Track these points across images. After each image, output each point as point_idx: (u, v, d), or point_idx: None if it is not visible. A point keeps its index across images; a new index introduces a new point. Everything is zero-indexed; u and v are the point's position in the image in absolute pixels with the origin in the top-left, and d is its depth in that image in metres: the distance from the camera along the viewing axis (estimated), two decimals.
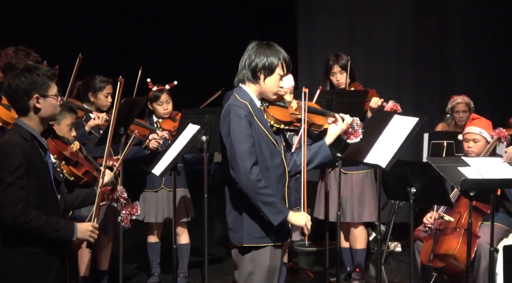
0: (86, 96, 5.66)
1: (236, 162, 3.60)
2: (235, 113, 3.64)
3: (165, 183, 5.85)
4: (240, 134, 3.62)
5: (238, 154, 3.59)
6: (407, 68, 7.96)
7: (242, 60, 3.80)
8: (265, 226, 3.70)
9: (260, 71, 3.74)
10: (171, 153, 5.05)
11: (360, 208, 5.86)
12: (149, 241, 6.02)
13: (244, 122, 3.63)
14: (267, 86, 3.77)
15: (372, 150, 4.13)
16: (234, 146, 3.61)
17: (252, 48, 3.78)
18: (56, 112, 3.40)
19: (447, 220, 5.07)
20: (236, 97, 3.75)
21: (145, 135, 5.75)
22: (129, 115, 5.34)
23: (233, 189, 3.71)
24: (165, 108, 5.87)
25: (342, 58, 5.87)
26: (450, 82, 7.92)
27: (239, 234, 3.73)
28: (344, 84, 5.83)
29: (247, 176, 3.58)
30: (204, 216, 5.24)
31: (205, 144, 5.25)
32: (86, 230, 3.40)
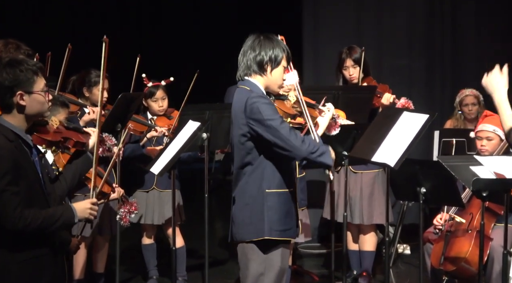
0: (80, 91, 5.66)
1: (288, 143, 3.73)
2: (260, 101, 3.76)
3: (157, 183, 5.85)
4: (275, 117, 3.75)
5: (284, 135, 3.72)
6: (418, 61, 7.94)
7: (244, 53, 3.86)
8: (285, 220, 3.83)
9: (267, 64, 3.84)
10: (170, 151, 5.06)
11: (370, 210, 5.86)
12: (143, 243, 6.04)
13: (272, 107, 3.78)
14: (273, 78, 3.87)
15: (380, 148, 4.14)
16: (277, 130, 3.72)
17: (254, 41, 3.86)
18: (44, 108, 3.34)
19: (459, 221, 5.07)
20: (247, 89, 3.83)
21: (142, 132, 5.76)
22: (126, 111, 5.35)
23: (253, 180, 3.81)
24: (160, 106, 5.88)
25: (355, 51, 5.86)
26: (463, 76, 7.89)
27: (259, 227, 3.80)
28: (357, 79, 5.83)
29: (301, 148, 3.73)
30: (205, 217, 5.25)
31: (206, 141, 5.26)
32: (85, 209, 3.40)
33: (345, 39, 7.51)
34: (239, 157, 3.87)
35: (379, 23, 7.86)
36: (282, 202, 3.84)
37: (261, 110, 3.73)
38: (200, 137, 5.24)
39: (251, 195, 3.83)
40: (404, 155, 4.03)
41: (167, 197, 5.81)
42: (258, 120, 3.74)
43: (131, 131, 5.66)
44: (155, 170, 5.06)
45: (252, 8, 10.19)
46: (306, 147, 3.74)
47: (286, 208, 3.85)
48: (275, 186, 3.82)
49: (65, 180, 3.55)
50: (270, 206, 3.81)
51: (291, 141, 3.72)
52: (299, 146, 3.73)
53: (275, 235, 3.81)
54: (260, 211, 3.81)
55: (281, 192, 3.84)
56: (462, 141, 5.95)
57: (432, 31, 7.95)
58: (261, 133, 3.75)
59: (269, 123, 3.73)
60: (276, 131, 3.72)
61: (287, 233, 3.86)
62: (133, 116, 5.60)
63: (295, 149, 3.74)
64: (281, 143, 3.74)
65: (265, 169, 3.81)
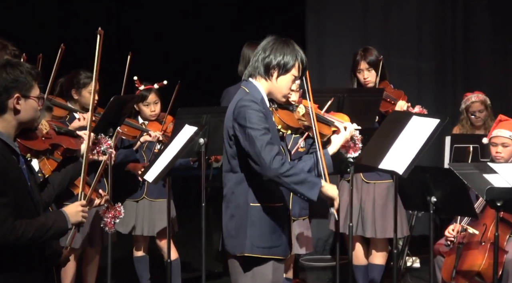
0: (69, 93, 5.65)
1: (259, 156, 3.66)
2: (249, 107, 3.71)
3: (148, 192, 5.85)
4: (258, 127, 3.68)
5: (258, 147, 3.66)
6: (427, 61, 7.95)
7: (255, 53, 3.86)
8: (270, 236, 3.77)
9: (274, 68, 3.81)
10: (165, 157, 5.05)
11: (383, 222, 5.83)
12: (135, 255, 6.04)
13: (260, 115, 3.71)
14: (278, 86, 3.84)
15: (387, 154, 4.13)
16: (253, 140, 3.67)
17: (269, 42, 3.85)
18: (36, 116, 3.34)
19: (471, 232, 5.07)
20: (246, 91, 3.81)
21: (135, 137, 5.76)
22: (119, 115, 5.35)
23: (239, 191, 3.77)
24: (152, 110, 5.88)
25: (370, 53, 5.85)
26: (476, 78, 7.90)
27: (241, 242, 3.78)
28: (372, 83, 5.83)
29: (271, 165, 3.64)
30: (202, 227, 5.24)
31: (203, 147, 5.26)
32: (76, 212, 3.40)
33: (350, 38, 7.52)
34: (225, 159, 3.86)
35: (386, 21, 7.86)
36: (268, 217, 3.78)
37: (246, 116, 3.69)
38: (197, 143, 5.23)
39: (237, 206, 3.81)
40: (413, 162, 4.03)
41: (158, 206, 5.81)
42: (241, 126, 3.72)
43: (123, 135, 5.66)
44: (149, 178, 5.06)
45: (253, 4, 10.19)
46: (277, 166, 3.63)
47: (272, 224, 3.79)
48: (261, 199, 3.77)
49: (52, 185, 3.55)
50: (253, 220, 3.77)
51: (261, 156, 3.64)
52: (268, 163, 3.63)
53: (257, 252, 3.78)
54: (244, 225, 3.78)
55: (267, 206, 3.78)
56: (475, 147, 5.95)
57: (442, 30, 7.95)
58: (241, 140, 3.72)
59: (248, 131, 3.68)
60: (251, 142, 3.67)
61: (273, 251, 3.80)
62: (125, 120, 5.60)
63: (262, 166, 3.65)
64: (252, 155, 3.68)
65: (250, 179, 3.77)
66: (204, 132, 5.25)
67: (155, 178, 5.02)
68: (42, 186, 3.57)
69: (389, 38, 7.84)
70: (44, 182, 3.61)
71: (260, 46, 3.86)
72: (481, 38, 7.97)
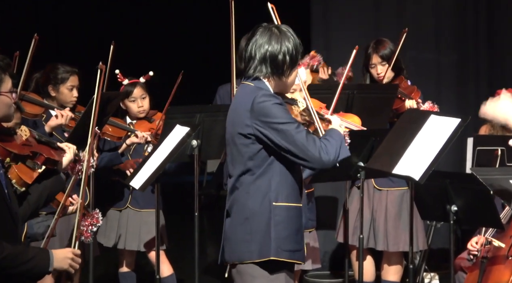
0: (46, 90, 5.64)
1: (306, 151, 3.76)
2: (272, 101, 3.77)
3: (132, 201, 5.83)
4: (289, 120, 3.77)
5: (301, 142, 3.75)
6: (447, 54, 7.94)
7: (260, 50, 3.85)
8: (295, 237, 3.85)
9: (288, 66, 3.86)
10: (154, 161, 5.05)
11: (396, 234, 5.82)
12: (120, 271, 6.03)
13: (284, 108, 3.81)
14: (289, 81, 3.93)
15: (402, 158, 4.13)
16: (291, 135, 3.75)
17: (266, 34, 3.86)
18: (10, 112, 3.33)
19: (497, 245, 5.06)
20: (256, 88, 3.83)
21: (120, 138, 5.75)
22: (102, 114, 5.34)
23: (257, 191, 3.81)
24: (140, 106, 5.87)
25: (384, 46, 5.87)
26: (502, 73, 7.89)
27: (262, 245, 3.80)
28: (387, 79, 5.84)
29: (321, 158, 3.77)
30: (195, 239, 5.24)
31: (196, 149, 5.26)
32: (64, 258, 3.37)
33: (360, 29, 7.51)
34: (238, 162, 3.87)
35: (401, 10, 7.85)
36: (292, 217, 3.85)
37: (273, 112, 3.76)
38: (189, 145, 5.23)
39: (253, 208, 3.82)
40: (431, 166, 4.03)
41: (145, 217, 5.80)
42: (268, 123, 3.76)
43: (107, 137, 5.65)
44: (135, 184, 5.06)
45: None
46: (328, 156, 3.78)
47: (297, 226, 3.87)
48: (284, 198, 3.83)
49: (28, 202, 3.52)
50: (278, 220, 3.81)
51: (309, 150, 3.75)
52: (318, 156, 3.76)
53: (283, 256, 3.81)
54: (265, 226, 3.80)
55: (290, 206, 3.85)
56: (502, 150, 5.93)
57: (464, 20, 7.94)
58: (272, 137, 3.77)
59: (282, 127, 3.75)
60: (291, 137, 3.75)
61: (297, 255, 3.87)
62: (110, 120, 5.59)
63: (314, 159, 3.77)
64: (296, 151, 3.76)
65: (273, 178, 3.82)
66: (197, 133, 5.25)
67: (142, 184, 5.02)
68: (21, 199, 3.54)
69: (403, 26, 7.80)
70: (23, 195, 3.58)
71: (258, 40, 3.85)
72: (507, 29, 7.96)
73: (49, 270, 3.31)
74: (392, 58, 5.83)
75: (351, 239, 5.79)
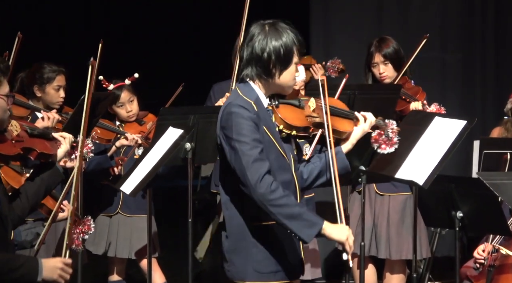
0: (31, 90, 5.66)
1: (244, 175, 3.64)
2: (238, 115, 3.68)
3: (123, 207, 5.83)
4: (247, 139, 3.66)
5: (243, 164, 3.64)
6: (453, 53, 7.95)
7: (247, 49, 3.80)
8: (277, 257, 3.77)
9: (275, 66, 3.77)
10: (145, 165, 5.04)
11: (399, 241, 5.82)
12: (110, 280, 6.05)
13: (250, 125, 3.68)
14: (282, 82, 3.81)
15: (406, 162, 4.12)
16: (239, 156, 3.65)
17: (258, 34, 3.79)
18: (5, 117, 3.37)
19: (505, 253, 5.06)
20: (238, 93, 3.78)
21: (110, 141, 5.75)
22: (92, 116, 5.34)
23: (233, 208, 3.76)
24: (129, 110, 5.88)
25: (387, 44, 5.87)
26: (510, 73, 7.90)
27: (240, 268, 3.78)
28: (389, 79, 5.84)
29: (256, 188, 3.62)
30: (188, 247, 5.23)
31: (190, 152, 5.25)
32: (54, 268, 3.39)
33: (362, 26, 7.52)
34: (220, 168, 3.87)
35: (405, 6, 7.86)
36: (272, 237, 3.76)
37: (234, 125, 3.67)
38: (182, 148, 5.22)
39: (235, 224, 3.79)
40: (436, 170, 4.02)
41: (136, 223, 5.82)
42: (228, 136, 3.71)
43: (95, 139, 5.65)
44: (126, 189, 5.05)
45: None
46: (263, 190, 3.59)
47: (278, 244, 3.78)
48: (261, 217, 3.72)
49: (26, 196, 3.55)
50: (253, 242, 3.75)
51: (247, 174, 3.62)
52: (254, 184, 3.60)
53: (261, 278, 3.76)
54: (244, 247, 3.77)
55: (270, 226, 3.75)
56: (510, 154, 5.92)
57: (470, 17, 7.95)
58: (226, 152, 3.72)
59: (235, 145, 3.66)
60: (237, 157, 3.65)
61: (279, 275, 3.79)
62: (99, 122, 5.59)
63: (248, 186, 3.63)
64: (238, 172, 3.66)
65: (246, 195, 3.70)
66: (191, 136, 5.24)
67: (133, 189, 5.01)
68: (13, 197, 3.56)
69: (408, 26, 7.83)
70: (15, 193, 3.60)
71: (250, 40, 3.79)
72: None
73: (37, 280, 3.31)
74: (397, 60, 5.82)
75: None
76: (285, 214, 3.63)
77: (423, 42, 5.92)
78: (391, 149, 4.00)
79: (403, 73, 5.90)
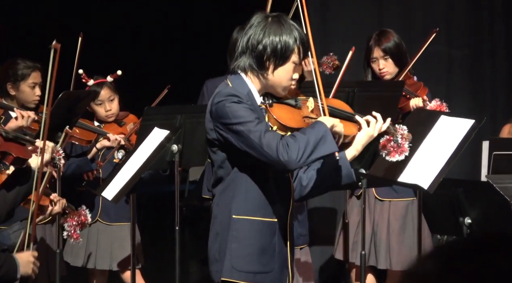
0: (4, 88, 5.65)
1: (262, 152, 3.63)
2: (229, 100, 3.69)
3: (103, 214, 5.81)
4: (248, 119, 3.66)
5: (256, 142, 3.63)
6: (459, 48, 7.95)
7: (243, 38, 3.81)
8: (258, 258, 3.76)
9: (269, 59, 3.76)
10: (128, 169, 5.03)
11: (400, 250, 5.81)
12: None
13: (245, 106, 3.69)
14: (276, 79, 3.79)
15: (409, 164, 4.12)
16: (248, 136, 3.64)
17: (258, 24, 3.79)
18: None
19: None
20: (227, 84, 3.78)
21: (90, 142, 5.74)
22: (71, 115, 5.33)
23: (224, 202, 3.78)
24: (108, 109, 5.86)
25: (387, 38, 5.85)
26: None
27: (219, 265, 3.79)
28: (390, 75, 5.83)
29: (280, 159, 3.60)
30: (175, 257, 5.23)
31: (177, 155, 5.24)
32: (28, 262, 3.52)
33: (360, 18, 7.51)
34: (212, 171, 3.87)
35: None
36: (256, 233, 3.77)
37: (229, 111, 3.68)
38: (169, 151, 5.21)
39: (222, 221, 3.81)
40: (441, 173, 4.02)
41: (118, 232, 5.80)
42: (226, 124, 3.70)
43: (75, 140, 5.64)
44: (108, 195, 5.04)
45: None
46: (287, 156, 3.60)
47: (261, 243, 3.78)
48: (246, 210, 3.76)
49: (4, 201, 3.61)
50: (234, 236, 3.76)
51: (264, 150, 3.62)
52: (275, 157, 3.61)
53: (236, 277, 3.75)
54: (224, 241, 3.78)
55: (254, 221, 3.76)
56: None
57: (478, 8, 7.95)
58: (232, 141, 3.71)
59: (237, 128, 3.67)
60: (247, 138, 3.65)
61: (259, 278, 3.78)
62: (79, 122, 5.58)
63: (272, 160, 3.63)
64: (255, 153, 3.66)
65: (237, 186, 3.76)
66: (178, 137, 5.23)
67: (115, 195, 5.00)
68: None
69: (410, 19, 7.83)
70: None
71: (249, 29, 3.80)
72: None
73: (17, 277, 3.46)
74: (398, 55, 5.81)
75: (350, 255, 5.79)
76: (310, 152, 3.61)
77: (432, 36, 5.90)
78: (401, 156, 3.95)
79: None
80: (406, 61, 5.91)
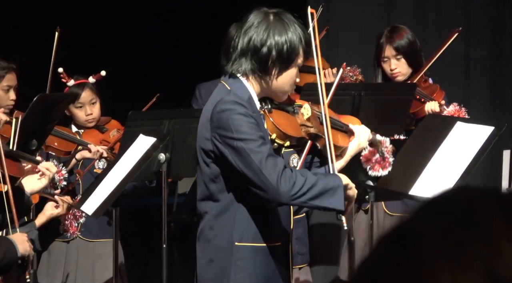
0: None
1: (260, 177, 3.64)
2: (234, 111, 3.68)
3: (83, 229, 5.78)
4: (251, 136, 3.67)
5: (256, 164, 3.63)
6: (478, 48, 7.97)
7: (243, 39, 3.79)
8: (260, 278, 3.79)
9: (274, 63, 3.76)
10: (110, 180, 5.02)
11: None
12: None
13: (250, 121, 3.69)
14: (279, 84, 3.81)
15: (422, 175, 4.12)
16: (248, 156, 3.65)
17: (260, 23, 3.79)
18: None
19: None
20: (227, 89, 3.78)
21: (69, 153, 5.72)
22: (46, 121, 5.32)
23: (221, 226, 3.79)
24: (88, 113, 5.85)
25: (400, 34, 5.83)
26: None
27: None
28: (401, 76, 5.81)
29: (279, 188, 3.62)
30: (162, 276, 5.21)
31: (164, 165, 5.23)
32: (23, 241, 3.75)
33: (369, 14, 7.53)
34: (200, 183, 3.87)
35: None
36: (261, 261, 3.80)
37: (232, 124, 3.67)
38: (155, 160, 5.20)
39: (219, 247, 3.82)
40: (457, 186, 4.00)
41: (99, 249, 5.81)
42: (225, 137, 3.69)
43: (52, 151, 5.63)
44: (88, 209, 5.03)
45: None
46: (288, 187, 3.61)
47: (267, 271, 3.81)
48: (249, 237, 3.78)
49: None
50: (239, 266, 3.78)
51: (264, 175, 3.63)
52: (275, 184, 3.62)
53: None
54: (227, 272, 3.79)
55: (258, 247, 3.79)
56: None
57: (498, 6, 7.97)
58: (227, 156, 3.70)
59: (238, 144, 3.66)
60: (246, 158, 3.65)
61: None
62: (55, 129, 5.55)
63: (268, 189, 3.64)
64: (251, 175, 3.66)
65: (238, 210, 3.76)
66: (165, 145, 5.22)
67: (96, 209, 4.99)
68: None
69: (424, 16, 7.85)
70: None
71: (248, 28, 3.79)
72: None
73: (18, 256, 3.69)
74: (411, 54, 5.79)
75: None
76: (313, 196, 3.65)
77: (454, 36, 5.88)
78: (385, 171, 4.00)
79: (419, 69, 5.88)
80: (421, 61, 5.90)
